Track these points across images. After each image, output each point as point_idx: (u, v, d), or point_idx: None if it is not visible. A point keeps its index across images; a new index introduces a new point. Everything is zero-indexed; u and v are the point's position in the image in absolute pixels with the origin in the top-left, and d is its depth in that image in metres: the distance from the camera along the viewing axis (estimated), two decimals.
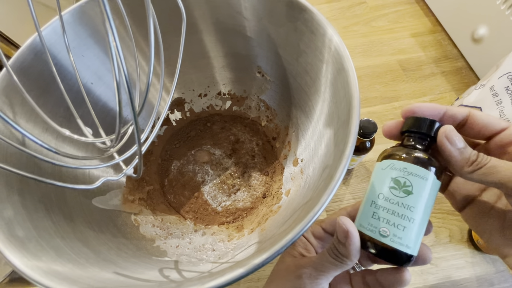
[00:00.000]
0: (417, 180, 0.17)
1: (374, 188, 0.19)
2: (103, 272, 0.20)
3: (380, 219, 0.18)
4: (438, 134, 0.18)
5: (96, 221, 0.27)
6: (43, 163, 0.25)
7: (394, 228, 0.17)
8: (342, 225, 0.17)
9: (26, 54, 0.22)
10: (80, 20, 0.25)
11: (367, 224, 0.18)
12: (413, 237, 0.17)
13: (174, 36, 0.26)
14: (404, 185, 0.18)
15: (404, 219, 0.17)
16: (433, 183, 0.18)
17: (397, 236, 0.17)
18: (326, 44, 0.23)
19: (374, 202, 0.18)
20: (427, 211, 0.18)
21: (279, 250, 0.16)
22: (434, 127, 0.18)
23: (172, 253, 0.30)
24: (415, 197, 0.17)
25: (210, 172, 0.40)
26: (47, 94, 0.24)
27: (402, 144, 0.20)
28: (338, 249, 0.18)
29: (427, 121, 0.18)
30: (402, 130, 0.20)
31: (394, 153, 0.19)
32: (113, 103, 0.31)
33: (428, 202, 0.18)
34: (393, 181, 0.18)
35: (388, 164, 0.18)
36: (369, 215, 0.18)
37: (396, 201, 0.17)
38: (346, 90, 0.21)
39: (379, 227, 0.18)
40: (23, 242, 0.18)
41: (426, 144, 0.19)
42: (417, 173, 0.17)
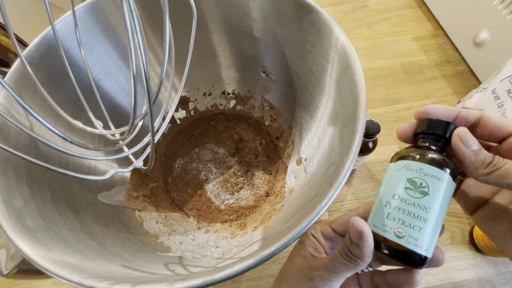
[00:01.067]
0: (434, 181, 0.17)
1: (388, 189, 0.19)
2: (110, 264, 0.20)
3: (395, 220, 0.17)
4: (452, 136, 0.18)
5: (102, 215, 0.27)
6: (51, 156, 0.25)
7: (410, 229, 0.17)
8: (356, 226, 0.17)
9: (39, 48, 0.23)
10: (92, 16, 0.25)
11: (381, 225, 0.18)
12: (428, 239, 0.17)
13: (183, 35, 0.26)
14: (420, 186, 0.17)
15: (420, 220, 0.17)
16: (448, 184, 0.17)
17: (413, 237, 0.17)
18: (333, 43, 0.24)
19: (388, 203, 0.18)
20: (442, 212, 0.18)
21: (287, 242, 0.16)
22: (449, 128, 0.18)
23: (176, 249, 0.30)
24: (431, 198, 0.17)
25: (213, 170, 0.40)
26: (56, 88, 0.25)
27: (416, 146, 0.20)
28: (351, 250, 0.18)
29: (442, 122, 0.18)
30: (416, 131, 0.20)
31: (408, 154, 0.19)
32: (120, 99, 0.31)
33: (443, 203, 0.18)
34: (409, 182, 0.18)
35: (403, 164, 0.18)
36: (384, 215, 0.18)
37: (412, 201, 0.17)
38: (353, 88, 0.21)
39: (394, 228, 0.17)
40: (33, 232, 0.18)
41: (441, 145, 0.19)
42: (433, 174, 0.17)
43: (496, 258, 0.38)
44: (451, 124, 0.18)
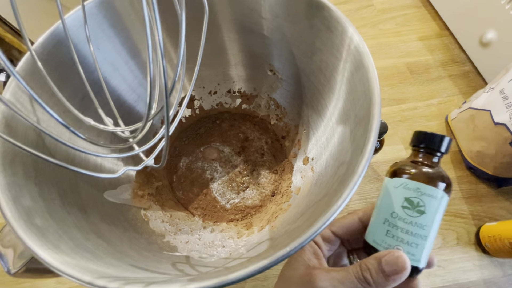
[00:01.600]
0: (430, 200, 0.18)
1: (386, 205, 0.19)
2: (120, 263, 0.20)
3: (394, 238, 0.19)
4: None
5: (108, 214, 0.27)
6: (58, 153, 0.24)
7: (408, 246, 0.18)
8: (403, 262, 0.17)
9: (48, 42, 0.22)
10: (102, 11, 0.25)
11: (381, 241, 0.19)
12: (425, 253, 0.18)
13: (193, 32, 0.26)
14: (417, 205, 0.18)
15: (417, 237, 0.18)
16: (443, 200, 0.18)
17: (411, 253, 0.18)
18: (346, 41, 0.23)
19: (387, 220, 0.19)
20: (437, 226, 0.19)
21: (303, 243, 0.16)
22: (444, 142, 0.19)
23: (183, 249, 0.29)
24: (428, 216, 0.18)
25: (219, 169, 0.40)
26: (63, 84, 0.24)
27: (413, 160, 0.20)
28: (373, 276, 0.17)
29: (438, 136, 0.19)
30: (413, 143, 0.21)
31: (405, 170, 0.20)
32: (127, 96, 0.31)
33: (438, 218, 0.19)
34: (407, 201, 0.19)
35: (400, 183, 0.19)
36: (383, 232, 0.19)
37: (410, 220, 0.18)
38: (366, 86, 0.21)
39: (394, 245, 0.18)
40: (42, 231, 0.18)
41: (436, 160, 0.20)
42: (429, 193, 0.18)
43: (503, 259, 0.38)
44: (446, 137, 0.19)
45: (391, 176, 0.20)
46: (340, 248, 0.24)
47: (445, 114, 0.48)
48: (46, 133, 0.15)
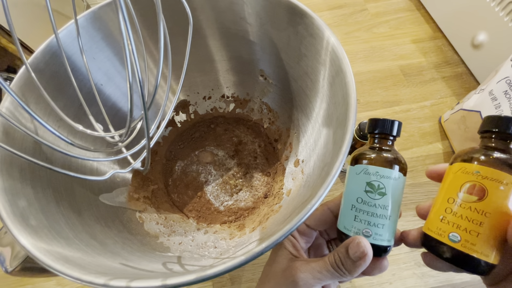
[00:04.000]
0: (388, 181, 0.19)
1: (352, 192, 0.21)
2: (110, 263, 0.21)
3: (362, 222, 0.20)
4: (508, 233, 0.16)
5: (103, 216, 0.28)
6: (54, 158, 0.26)
7: (375, 227, 0.19)
8: (363, 247, 0.18)
9: (42, 56, 0.24)
10: (93, 24, 0.26)
11: (351, 227, 0.20)
12: (390, 231, 0.20)
13: (181, 40, 0.27)
14: (378, 188, 0.19)
15: (382, 218, 0.19)
16: (400, 179, 0.20)
17: (378, 234, 0.19)
18: (324, 46, 0.24)
19: (354, 206, 0.20)
20: (398, 205, 0.20)
21: (278, 239, 0.16)
22: (394, 126, 0.21)
23: (175, 249, 0.30)
24: (389, 196, 0.19)
25: (213, 172, 0.41)
26: (59, 94, 0.26)
27: (370, 146, 0.21)
28: (343, 263, 0.18)
29: (388, 121, 0.21)
30: (369, 131, 0.22)
31: (364, 155, 0.21)
32: (122, 104, 0.32)
33: (399, 197, 0.20)
34: (368, 185, 0.20)
35: (361, 169, 0.20)
36: (352, 218, 0.20)
37: (373, 203, 0.19)
38: (344, 91, 0.22)
39: (362, 229, 0.20)
40: (36, 230, 0.19)
41: (390, 143, 0.21)
42: (387, 175, 0.19)
43: None
44: (395, 121, 0.21)
45: (352, 163, 0.21)
46: (320, 239, 0.25)
47: (438, 116, 0.49)
48: (41, 141, 0.16)
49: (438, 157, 0.46)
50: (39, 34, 0.43)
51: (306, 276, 0.19)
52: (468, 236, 0.17)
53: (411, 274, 0.39)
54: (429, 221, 0.19)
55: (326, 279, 0.19)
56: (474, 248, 0.16)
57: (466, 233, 0.17)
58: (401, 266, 0.39)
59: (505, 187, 0.16)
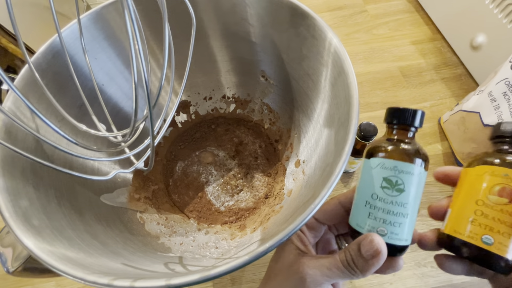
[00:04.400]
0: (408, 177, 0.18)
1: (366, 187, 0.19)
2: (112, 263, 0.21)
3: (376, 219, 0.18)
4: None
5: (104, 216, 0.28)
6: (55, 158, 0.26)
7: (391, 226, 0.18)
8: (376, 245, 0.17)
9: (44, 55, 0.24)
10: (96, 24, 0.26)
11: (364, 224, 0.19)
12: (408, 230, 0.18)
13: (183, 40, 0.27)
14: (396, 184, 0.18)
15: (399, 216, 0.18)
16: (421, 175, 0.18)
17: (394, 233, 0.18)
18: (326, 47, 0.25)
19: (368, 202, 0.19)
20: (418, 202, 0.18)
21: (282, 239, 0.16)
22: (417, 116, 0.19)
23: (177, 250, 0.30)
24: (407, 193, 0.18)
25: (213, 172, 0.41)
26: (61, 93, 0.26)
27: (388, 138, 0.20)
28: (355, 262, 0.17)
29: (410, 111, 0.19)
30: (387, 122, 0.20)
31: (380, 148, 0.19)
32: (123, 104, 0.32)
33: (418, 194, 0.18)
34: (385, 181, 0.18)
35: (377, 163, 0.18)
36: (365, 215, 0.19)
37: (390, 200, 0.18)
38: (346, 91, 0.22)
39: (377, 227, 0.18)
40: (39, 231, 0.19)
41: (411, 136, 0.19)
42: (407, 170, 0.18)
43: None
44: (419, 111, 0.19)
45: (367, 156, 0.20)
46: (328, 234, 0.24)
47: (437, 117, 0.49)
48: (43, 140, 0.16)
49: (437, 158, 0.46)
50: (39, 34, 0.42)
51: (314, 273, 0.18)
52: (501, 238, 0.17)
53: (411, 274, 0.39)
54: (454, 224, 0.18)
55: (336, 277, 0.18)
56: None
57: (499, 235, 0.17)
58: None
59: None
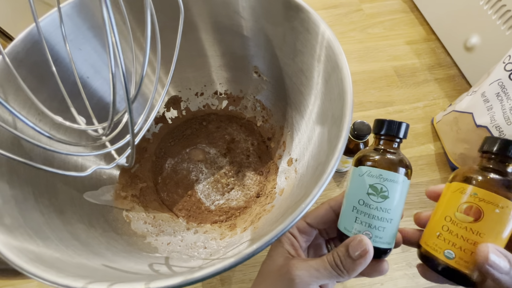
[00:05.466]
0: (392, 185, 0.19)
1: (354, 193, 0.20)
2: (91, 264, 0.19)
3: (362, 224, 0.19)
4: (477, 259, 0.16)
5: (87, 215, 0.27)
6: (34, 153, 0.24)
7: (376, 230, 0.19)
8: (364, 245, 0.18)
9: (23, 44, 0.22)
10: (79, 13, 0.25)
11: (351, 228, 0.20)
12: (391, 234, 0.20)
13: (172, 33, 0.26)
14: (381, 191, 0.19)
15: (383, 221, 0.19)
16: (404, 183, 0.19)
17: (378, 237, 0.19)
18: (319, 41, 0.24)
19: (355, 208, 0.20)
20: (400, 208, 0.20)
21: (270, 241, 0.16)
22: (401, 128, 0.20)
23: (163, 250, 0.29)
24: (391, 200, 0.19)
25: (204, 170, 0.40)
26: (41, 85, 0.24)
27: (375, 148, 0.21)
28: (343, 262, 0.18)
29: (395, 123, 0.20)
30: (374, 132, 0.21)
31: (368, 157, 0.20)
32: (109, 98, 0.31)
33: (401, 201, 0.20)
34: (371, 188, 0.19)
35: (365, 171, 0.20)
36: (353, 220, 0.20)
37: (375, 206, 0.19)
38: (340, 87, 0.21)
39: (363, 231, 0.19)
40: (11, 230, 0.18)
41: (396, 146, 0.21)
42: (391, 178, 0.19)
43: None
44: (403, 123, 0.20)
45: (356, 164, 0.21)
46: (319, 239, 0.25)
47: (431, 117, 0.49)
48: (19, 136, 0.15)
49: (430, 158, 0.46)
50: (22, 21, 0.40)
51: (302, 274, 0.19)
52: (462, 254, 0.17)
53: (403, 274, 0.38)
54: (426, 236, 0.20)
55: (324, 277, 0.19)
56: (466, 266, 0.17)
57: (460, 251, 0.17)
58: (392, 267, 0.39)
59: (500, 210, 0.17)
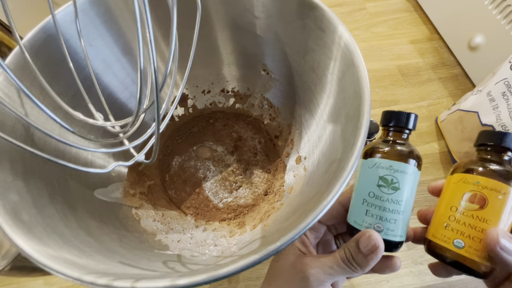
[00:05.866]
0: (402, 176, 0.19)
1: (363, 186, 0.20)
2: (109, 261, 0.19)
3: (373, 216, 0.19)
4: (488, 244, 0.17)
5: (98, 212, 0.27)
6: (47, 149, 0.24)
7: (387, 222, 0.19)
8: (374, 240, 0.18)
9: (38, 37, 0.22)
10: (93, 7, 0.25)
11: (362, 222, 0.20)
12: (402, 226, 0.19)
13: (185, 29, 0.26)
14: (392, 183, 0.19)
15: (394, 213, 0.19)
16: (415, 174, 0.19)
17: (390, 229, 0.19)
18: (336, 41, 0.24)
19: (365, 200, 0.20)
20: (412, 200, 0.20)
21: (294, 237, 0.16)
22: (410, 118, 0.20)
23: (174, 247, 0.29)
24: (402, 191, 0.19)
25: (211, 168, 0.40)
26: (54, 79, 0.24)
27: (384, 140, 0.21)
28: (354, 258, 0.18)
29: (404, 114, 0.20)
30: (383, 124, 0.22)
31: (377, 149, 0.20)
32: (119, 93, 0.31)
33: (412, 192, 0.20)
34: (381, 180, 0.19)
35: (374, 163, 0.20)
36: (363, 212, 0.20)
37: (386, 198, 0.19)
38: (356, 85, 0.21)
39: (374, 224, 0.19)
40: (30, 227, 0.17)
41: (405, 137, 0.21)
42: (402, 169, 0.19)
43: None
44: (412, 114, 0.20)
45: (364, 157, 0.21)
46: (328, 235, 0.25)
47: (435, 116, 0.49)
48: (34, 125, 0.15)
49: (434, 157, 0.47)
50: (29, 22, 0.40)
51: (317, 272, 0.19)
52: (471, 242, 0.18)
53: (408, 272, 0.39)
54: (433, 229, 0.20)
55: (337, 274, 0.19)
56: (477, 253, 0.18)
57: (469, 239, 0.18)
58: None
59: (503, 196, 0.18)
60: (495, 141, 0.19)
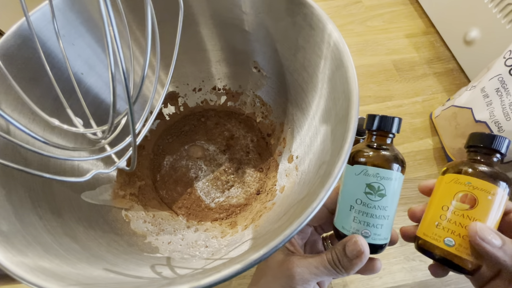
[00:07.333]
0: (388, 182, 0.19)
1: (350, 192, 0.20)
2: (93, 269, 0.19)
3: (360, 223, 0.20)
4: (470, 236, 0.18)
5: (86, 216, 0.26)
6: (30, 156, 0.23)
7: (374, 228, 0.19)
8: (360, 246, 0.18)
9: (13, 40, 0.21)
10: (71, 6, 0.24)
11: (349, 227, 0.20)
12: (388, 230, 0.20)
13: (170, 27, 0.25)
14: (378, 190, 0.19)
15: (381, 219, 0.19)
16: (399, 179, 0.20)
17: (377, 234, 0.19)
18: (325, 39, 0.23)
19: (352, 207, 0.20)
20: (396, 203, 0.20)
21: (277, 246, 0.15)
22: (394, 123, 0.20)
23: (164, 250, 0.29)
24: (387, 197, 0.19)
25: (203, 167, 0.39)
26: (33, 84, 0.23)
27: (368, 144, 0.21)
28: (340, 261, 0.19)
29: (388, 118, 0.20)
30: (367, 128, 0.22)
31: (362, 153, 0.20)
32: (105, 95, 0.30)
33: (396, 196, 0.20)
34: (368, 187, 0.19)
35: (361, 170, 0.20)
36: (350, 219, 0.20)
37: (373, 205, 0.19)
38: (345, 86, 0.21)
39: (361, 230, 0.20)
40: (8, 237, 0.17)
41: (389, 142, 0.21)
42: (387, 176, 0.19)
43: None
44: (395, 118, 0.20)
45: (350, 162, 0.21)
46: (315, 235, 0.26)
47: (429, 112, 0.49)
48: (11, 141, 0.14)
49: (428, 153, 0.46)
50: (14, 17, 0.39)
51: (303, 271, 0.19)
52: (461, 241, 0.18)
53: (400, 268, 0.39)
54: (424, 227, 0.20)
55: (323, 275, 0.19)
56: (466, 251, 0.18)
57: (459, 238, 0.18)
58: (390, 261, 0.39)
59: (492, 196, 0.18)
60: (485, 143, 0.20)
